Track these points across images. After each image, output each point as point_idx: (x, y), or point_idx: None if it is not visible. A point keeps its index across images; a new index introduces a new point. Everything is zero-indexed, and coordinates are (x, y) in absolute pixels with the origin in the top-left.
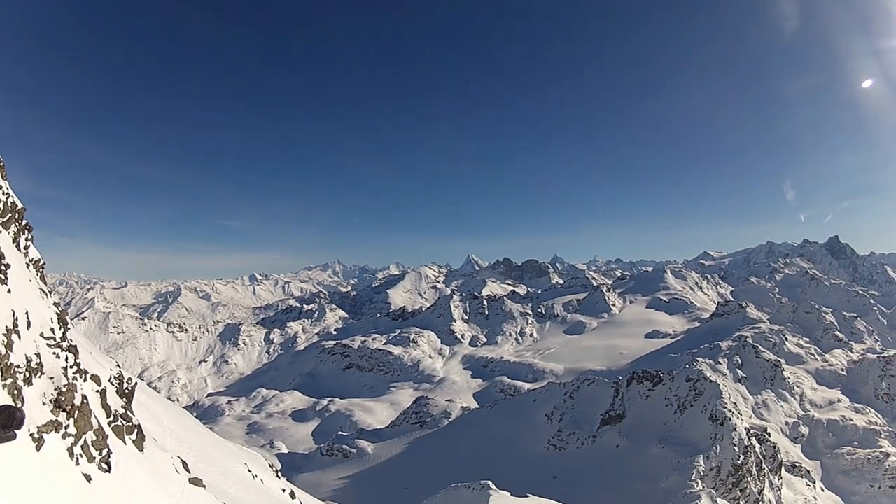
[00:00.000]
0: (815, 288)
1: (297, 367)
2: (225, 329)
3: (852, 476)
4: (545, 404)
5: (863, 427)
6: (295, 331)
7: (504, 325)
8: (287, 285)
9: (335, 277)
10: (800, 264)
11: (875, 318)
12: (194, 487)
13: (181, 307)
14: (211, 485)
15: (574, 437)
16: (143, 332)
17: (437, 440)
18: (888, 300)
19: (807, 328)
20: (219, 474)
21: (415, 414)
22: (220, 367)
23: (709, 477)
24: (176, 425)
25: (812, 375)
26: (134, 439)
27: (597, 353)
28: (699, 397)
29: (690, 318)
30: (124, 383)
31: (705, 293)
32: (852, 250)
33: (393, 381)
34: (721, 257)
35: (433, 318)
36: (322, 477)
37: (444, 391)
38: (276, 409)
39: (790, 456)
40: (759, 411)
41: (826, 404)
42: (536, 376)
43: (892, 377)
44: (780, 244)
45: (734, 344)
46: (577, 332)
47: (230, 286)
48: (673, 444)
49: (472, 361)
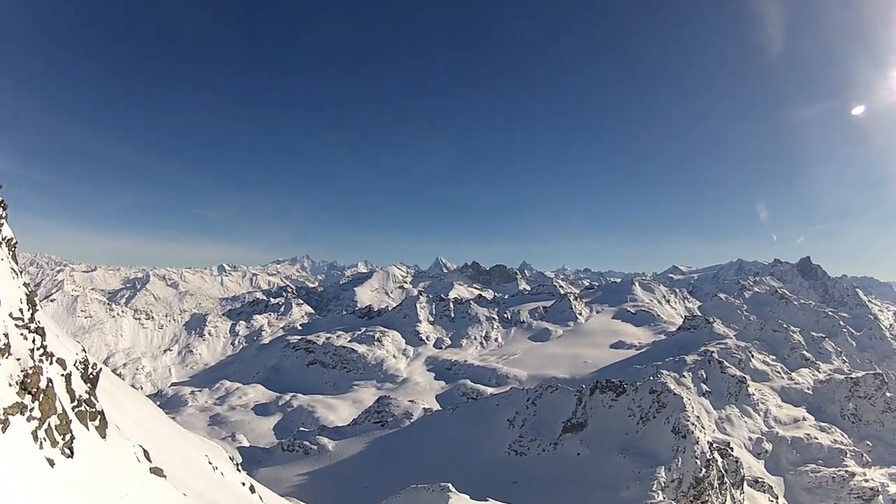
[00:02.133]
0: (783, 307)
1: (262, 361)
2: (191, 319)
3: (816, 494)
4: (507, 409)
5: (828, 446)
6: (260, 324)
7: (469, 328)
8: (255, 277)
9: (303, 272)
10: (770, 283)
11: (844, 339)
12: (155, 477)
13: (149, 294)
14: (172, 475)
15: (535, 443)
16: (111, 318)
17: (399, 440)
18: (858, 322)
19: (774, 346)
20: (180, 465)
21: (377, 413)
22: (185, 356)
23: (670, 488)
24: (139, 414)
25: (777, 393)
26: (97, 426)
27: (561, 360)
28: (662, 409)
29: (657, 330)
30: (89, 368)
31: (673, 307)
32: (824, 272)
33: (356, 380)
34: (690, 272)
35: (399, 318)
36: (282, 472)
37: (406, 392)
38: (239, 401)
39: (753, 471)
40: (722, 426)
41: (791, 422)
42: (500, 381)
43: (859, 398)
44: (751, 262)
45: (699, 358)
46: (542, 339)
47: (198, 275)
48: (634, 455)
49: (435, 363)
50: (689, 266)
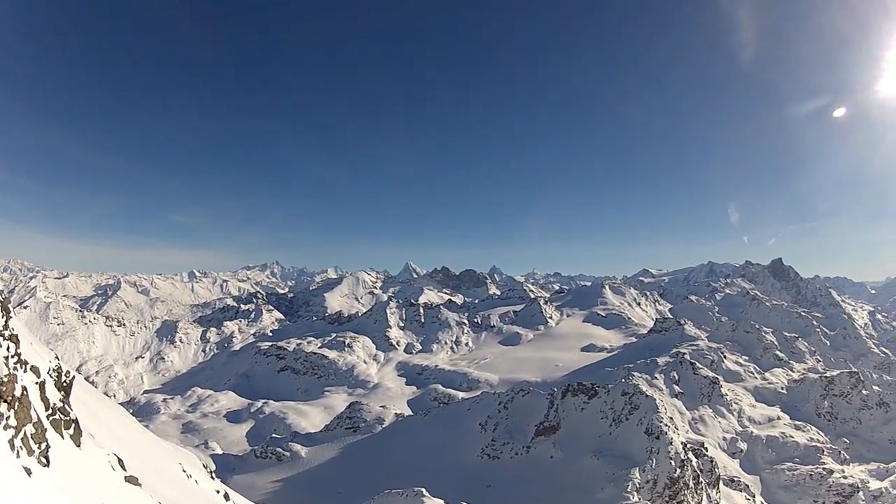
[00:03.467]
0: (755, 308)
1: (233, 368)
2: (162, 325)
3: (794, 491)
4: (479, 413)
5: (804, 444)
6: (231, 330)
7: (440, 333)
8: (225, 284)
9: (273, 278)
10: (741, 284)
11: (818, 339)
12: (130, 486)
13: (120, 301)
14: (146, 484)
15: (508, 446)
16: (83, 325)
17: (371, 446)
18: (832, 322)
19: (746, 347)
20: (154, 473)
21: (348, 419)
22: (157, 364)
23: (645, 489)
24: (112, 422)
25: (751, 393)
26: (71, 434)
27: (532, 364)
28: (635, 411)
29: (628, 333)
30: (62, 376)
31: (643, 309)
32: (796, 273)
33: (327, 385)
34: (661, 275)
35: (369, 324)
36: (256, 479)
37: (378, 397)
38: (211, 409)
39: (728, 470)
40: (695, 426)
41: (765, 421)
42: (471, 385)
43: (834, 396)
44: (722, 264)
45: (671, 360)
46: (512, 343)
47: (169, 282)
48: (608, 457)
49: (406, 368)
50: (659, 269)
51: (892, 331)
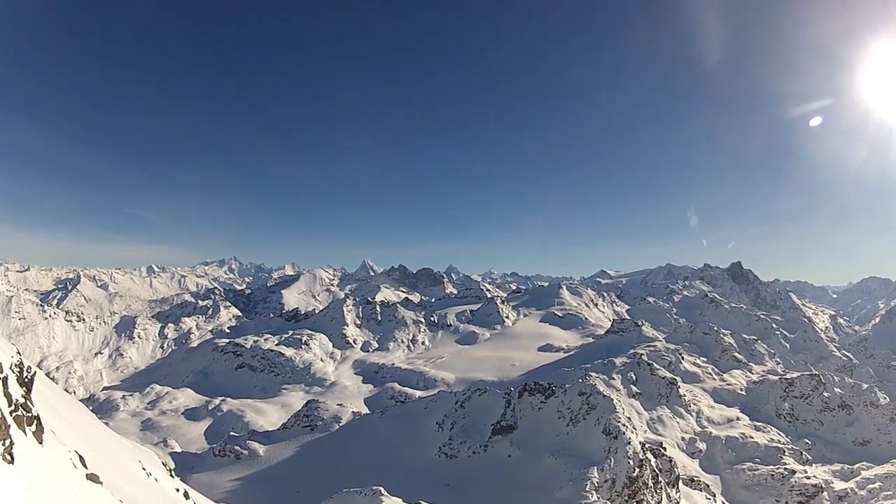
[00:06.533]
0: (714, 310)
1: (191, 364)
2: (121, 321)
3: (755, 491)
4: (436, 412)
5: (764, 444)
6: (189, 326)
7: (396, 331)
8: (183, 279)
9: (231, 274)
10: (699, 287)
11: (777, 341)
12: (92, 484)
13: (80, 295)
14: (108, 482)
15: (465, 445)
16: (44, 320)
17: (329, 444)
18: (792, 325)
19: (704, 349)
20: (115, 471)
21: (306, 417)
22: (116, 360)
23: (604, 488)
24: (73, 418)
25: (709, 394)
26: (34, 431)
27: (489, 363)
28: (592, 411)
29: (585, 333)
30: (24, 372)
31: (601, 310)
32: (755, 276)
33: (284, 383)
34: (619, 276)
35: (326, 321)
36: (215, 478)
37: (335, 395)
38: (170, 406)
39: (688, 470)
40: (654, 426)
41: (724, 421)
42: (427, 384)
43: (795, 398)
44: (681, 267)
45: (629, 360)
46: (469, 343)
47: (128, 276)
48: (566, 456)
49: (363, 366)
50: (617, 270)
51: (854, 335)
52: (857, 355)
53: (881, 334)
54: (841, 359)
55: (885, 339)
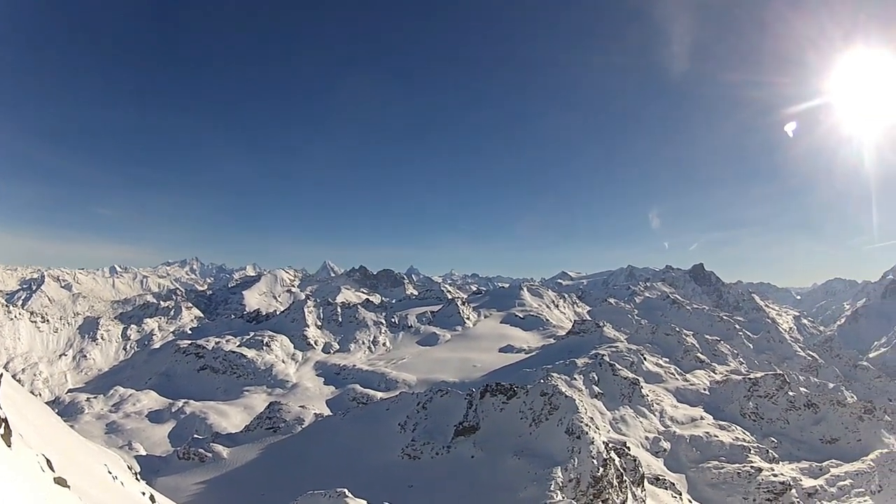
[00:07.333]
0: (676, 311)
1: (153, 366)
2: (84, 322)
3: (722, 489)
4: (398, 413)
5: (729, 443)
6: (151, 328)
7: (357, 332)
8: (146, 280)
9: (192, 275)
10: (661, 288)
11: (740, 342)
12: (59, 488)
13: (44, 296)
14: (75, 486)
15: (428, 446)
16: (9, 321)
17: (292, 446)
18: (755, 326)
19: (667, 349)
20: (82, 475)
21: (268, 419)
22: (80, 361)
23: (568, 488)
24: (39, 421)
25: (672, 394)
26: (2, 434)
27: (450, 364)
28: (555, 411)
29: (546, 334)
30: None
31: (562, 311)
32: (717, 278)
33: (246, 385)
34: (580, 277)
35: (287, 323)
36: (180, 481)
37: (297, 397)
38: (133, 408)
39: (653, 469)
40: (617, 426)
41: (688, 421)
42: (389, 385)
43: (759, 397)
44: (642, 269)
45: (590, 361)
46: (430, 344)
47: (91, 277)
48: (529, 456)
49: (324, 368)
50: (578, 272)
51: (818, 335)
52: (822, 355)
53: (847, 335)
54: (806, 359)
55: (852, 340)
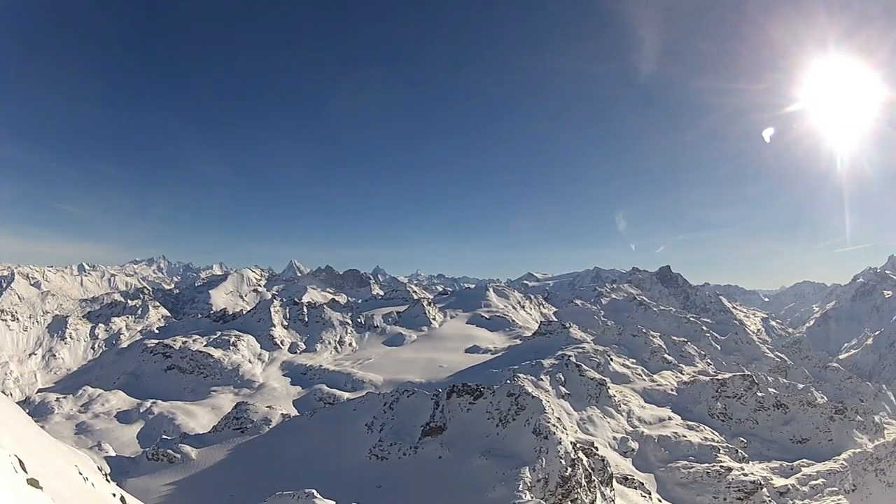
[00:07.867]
0: (642, 313)
1: (121, 366)
2: (53, 321)
3: (692, 488)
4: (365, 414)
5: (698, 443)
6: (119, 327)
7: (323, 332)
8: (113, 278)
9: (159, 273)
10: (628, 290)
11: (708, 343)
12: (32, 489)
13: (14, 294)
14: (47, 487)
15: (396, 447)
16: None
17: (260, 447)
18: (722, 327)
19: (633, 350)
20: (54, 476)
21: (236, 419)
22: (49, 361)
23: (537, 488)
24: (11, 421)
25: (640, 394)
26: None
27: (416, 365)
28: (521, 411)
29: (512, 335)
30: None
31: (528, 312)
32: (685, 280)
33: (214, 385)
34: (546, 279)
35: (253, 322)
36: (150, 482)
37: (263, 397)
38: (102, 409)
39: (621, 469)
40: (584, 426)
41: (656, 421)
42: (355, 385)
43: (728, 398)
44: (608, 270)
45: (557, 362)
46: (396, 344)
47: (60, 275)
48: (497, 457)
49: (291, 368)
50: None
51: (787, 337)
52: (791, 356)
53: (816, 337)
54: (774, 360)
55: (821, 342)
